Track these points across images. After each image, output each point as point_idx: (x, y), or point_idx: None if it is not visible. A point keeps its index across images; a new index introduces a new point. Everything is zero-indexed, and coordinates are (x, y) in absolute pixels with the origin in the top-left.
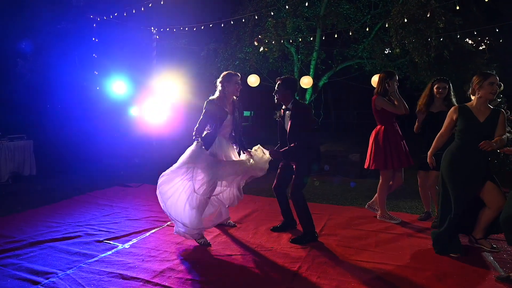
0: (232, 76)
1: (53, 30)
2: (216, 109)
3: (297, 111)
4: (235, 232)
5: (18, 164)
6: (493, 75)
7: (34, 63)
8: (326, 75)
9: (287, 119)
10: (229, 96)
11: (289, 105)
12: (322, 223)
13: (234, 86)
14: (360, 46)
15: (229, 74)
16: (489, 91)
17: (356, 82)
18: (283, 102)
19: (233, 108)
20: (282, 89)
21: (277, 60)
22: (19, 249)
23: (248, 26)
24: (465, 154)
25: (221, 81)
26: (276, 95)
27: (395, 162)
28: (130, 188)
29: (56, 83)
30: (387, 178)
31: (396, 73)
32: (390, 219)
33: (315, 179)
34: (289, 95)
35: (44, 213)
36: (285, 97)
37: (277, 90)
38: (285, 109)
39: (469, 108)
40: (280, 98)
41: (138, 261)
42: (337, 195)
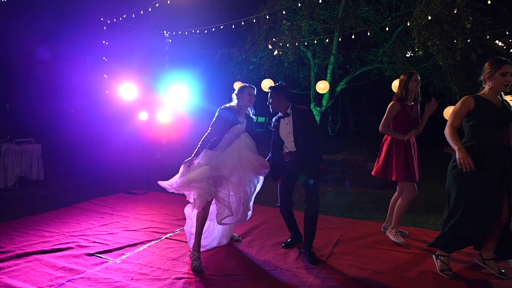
0: (245, 88)
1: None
2: (228, 115)
3: (300, 114)
4: (238, 246)
5: (26, 169)
6: (508, 63)
7: (51, 67)
8: (344, 80)
9: (284, 127)
10: (244, 108)
11: (288, 111)
12: (335, 240)
13: (246, 98)
14: (380, 50)
15: (243, 86)
16: (501, 83)
17: (375, 87)
18: (279, 109)
19: (247, 120)
20: (274, 96)
21: (293, 64)
22: (3, 261)
23: (262, 30)
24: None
25: (236, 93)
26: (271, 104)
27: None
28: (135, 195)
29: (68, 87)
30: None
31: (417, 73)
32: (395, 236)
33: (330, 188)
34: (283, 101)
35: (40, 221)
36: (280, 104)
37: (270, 98)
38: (281, 116)
39: (484, 97)
40: (275, 106)
41: (126, 280)
42: (353, 207)
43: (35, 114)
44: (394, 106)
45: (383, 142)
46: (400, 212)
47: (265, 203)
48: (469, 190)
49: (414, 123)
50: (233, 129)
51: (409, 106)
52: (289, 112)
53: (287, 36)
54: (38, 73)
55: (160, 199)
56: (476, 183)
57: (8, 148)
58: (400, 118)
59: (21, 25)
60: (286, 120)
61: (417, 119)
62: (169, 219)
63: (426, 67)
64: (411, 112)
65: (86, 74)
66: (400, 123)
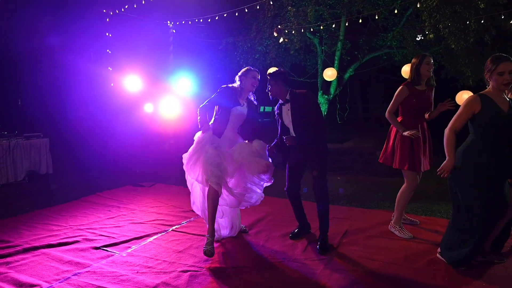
0: (250, 71)
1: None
2: (229, 94)
3: (297, 98)
4: (245, 237)
5: (35, 163)
6: (506, 61)
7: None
8: (352, 66)
9: (286, 114)
10: (245, 91)
11: (287, 97)
12: (343, 230)
13: (250, 81)
14: (389, 34)
15: (248, 69)
16: (500, 82)
17: (385, 73)
18: (278, 96)
19: (248, 104)
20: (273, 83)
21: (299, 52)
22: (11, 255)
23: (267, 17)
24: (492, 154)
25: (239, 75)
26: (269, 91)
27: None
28: (142, 187)
29: (73, 81)
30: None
31: (430, 56)
32: (400, 231)
33: (339, 177)
34: (281, 87)
35: (48, 214)
36: (279, 91)
37: (268, 85)
38: (281, 103)
39: (490, 97)
40: (274, 93)
41: (131, 273)
42: (362, 196)
43: (42, 108)
44: (401, 91)
45: (391, 128)
46: (402, 204)
47: (273, 194)
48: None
49: (425, 109)
50: (233, 110)
51: (419, 91)
52: (288, 99)
53: (292, 23)
54: (44, 67)
55: (167, 191)
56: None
57: (16, 143)
58: (409, 104)
59: (26, 20)
60: (287, 106)
61: (428, 105)
62: (176, 211)
63: (437, 51)
64: (422, 97)
65: (91, 67)
66: (409, 108)
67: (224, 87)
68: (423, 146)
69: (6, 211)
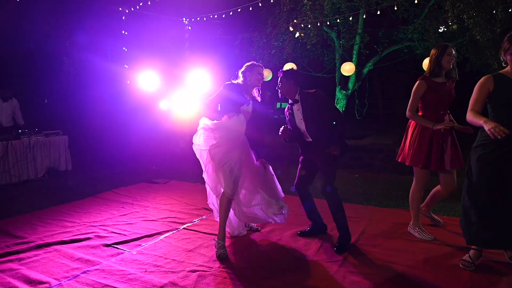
0: (255, 66)
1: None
2: (235, 91)
3: (308, 98)
4: (257, 237)
5: (54, 160)
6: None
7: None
8: (371, 61)
9: (296, 114)
10: (250, 87)
11: (296, 97)
12: (360, 230)
13: (256, 77)
14: (410, 26)
15: (252, 64)
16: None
17: (406, 67)
18: (287, 95)
19: (253, 102)
20: (284, 81)
21: (316, 47)
22: (24, 251)
23: (283, 12)
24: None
25: (243, 71)
26: (279, 89)
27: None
28: (156, 184)
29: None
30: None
31: (451, 46)
32: (420, 233)
33: (357, 175)
34: (292, 86)
35: (64, 211)
36: (289, 90)
37: (279, 83)
38: (291, 103)
39: (505, 75)
40: (284, 92)
41: (140, 272)
42: (380, 194)
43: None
44: (419, 86)
45: (408, 125)
46: (415, 204)
47: (286, 192)
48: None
49: (446, 103)
50: (242, 109)
51: (439, 84)
52: (297, 99)
53: (308, 16)
54: (65, 66)
55: (181, 188)
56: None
57: (36, 140)
58: (429, 98)
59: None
60: (297, 106)
61: (450, 99)
62: (188, 209)
63: (461, 43)
64: (442, 91)
65: (108, 65)
66: (429, 103)
67: (229, 84)
68: (445, 143)
69: (26, 207)
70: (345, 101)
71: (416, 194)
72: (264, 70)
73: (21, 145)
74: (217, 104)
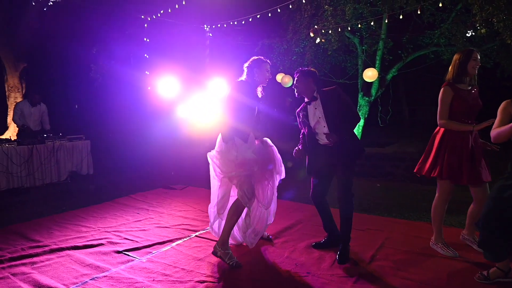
0: (263, 62)
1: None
2: (249, 94)
3: (328, 94)
4: (270, 248)
5: (77, 164)
6: None
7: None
8: (395, 67)
9: (313, 113)
10: (258, 84)
11: (314, 94)
12: (378, 243)
13: (264, 74)
14: (436, 31)
15: (260, 59)
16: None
17: (432, 73)
18: (305, 94)
19: (261, 102)
20: (302, 79)
21: (338, 53)
22: (38, 255)
23: (304, 17)
24: None
25: (250, 65)
26: (296, 88)
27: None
28: (173, 190)
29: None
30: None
31: (477, 51)
32: (444, 249)
33: (378, 184)
34: (311, 85)
35: (81, 215)
36: (307, 88)
37: (296, 83)
38: (307, 102)
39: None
40: (301, 90)
41: (147, 281)
42: (402, 205)
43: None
44: (446, 92)
45: (434, 134)
46: (437, 218)
47: (304, 200)
48: None
49: (474, 112)
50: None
51: (465, 91)
52: (316, 96)
53: (330, 22)
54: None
55: (197, 195)
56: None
57: (60, 144)
58: (456, 105)
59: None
60: (313, 105)
61: (477, 106)
62: (202, 216)
63: (491, 48)
64: (469, 98)
65: (130, 72)
66: (455, 112)
67: (241, 83)
68: (471, 155)
69: (46, 210)
70: (367, 107)
71: (439, 207)
72: (285, 76)
73: (46, 149)
74: (235, 110)
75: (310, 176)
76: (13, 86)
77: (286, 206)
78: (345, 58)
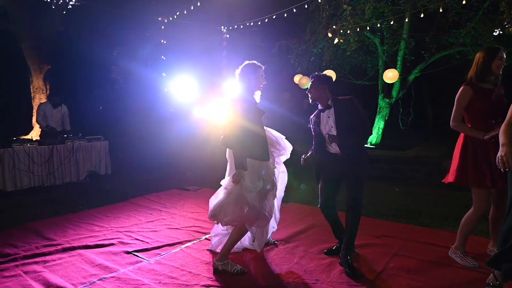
0: (259, 68)
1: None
2: (255, 108)
3: (342, 104)
4: (279, 253)
5: (95, 164)
6: None
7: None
8: (417, 67)
9: (326, 121)
10: (254, 91)
11: (329, 102)
12: (393, 251)
13: (260, 80)
14: (462, 30)
15: (255, 65)
16: None
17: (458, 74)
18: (319, 100)
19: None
20: (317, 85)
21: (359, 53)
22: (51, 254)
23: (322, 18)
24: None
25: (246, 72)
26: (310, 94)
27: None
28: (187, 191)
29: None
30: (479, 205)
31: (502, 49)
32: (463, 259)
33: (397, 189)
34: (326, 92)
35: (95, 215)
36: (321, 95)
37: (311, 88)
38: (320, 110)
39: None
40: (315, 97)
41: (154, 283)
42: (421, 212)
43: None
44: (464, 92)
45: (458, 140)
46: (466, 230)
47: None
48: None
49: (498, 112)
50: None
51: (487, 90)
52: (330, 104)
53: (349, 22)
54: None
55: (211, 195)
56: None
57: (79, 144)
58: (477, 106)
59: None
60: (327, 113)
61: (502, 106)
62: None
63: None
64: (492, 98)
65: (148, 74)
66: (477, 113)
67: (246, 101)
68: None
69: (63, 209)
70: (388, 109)
71: (472, 222)
72: (302, 77)
73: (65, 149)
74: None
75: (318, 184)
76: (38, 88)
77: (299, 209)
78: (365, 59)
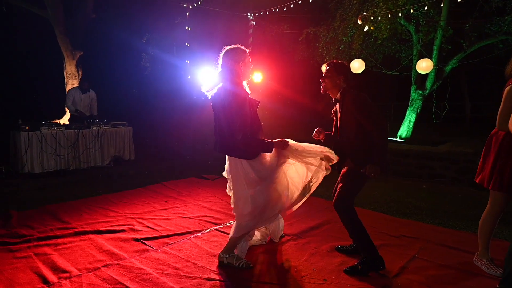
0: (246, 53)
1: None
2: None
3: (347, 100)
4: (290, 248)
5: (119, 149)
6: None
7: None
8: (455, 57)
9: (336, 114)
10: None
11: (337, 96)
12: (412, 253)
13: (249, 67)
14: (507, 17)
15: (241, 50)
16: None
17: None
18: (330, 91)
19: None
20: (333, 74)
21: (392, 42)
22: (63, 237)
23: (353, 4)
24: None
25: (234, 59)
26: (323, 82)
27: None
28: (205, 180)
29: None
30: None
31: None
32: (489, 267)
33: (424, 186)
34: (340, 82)
35: (112, 200)
36: (335, 85)
37: (325, 78)
38: (335, 100)
39: None
40: (328, 87)
41: (156, 273)
42: (448, 212)
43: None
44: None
45: (491, 136)
46: (485, 231)
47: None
48: None
49: None
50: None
51: None
52: (338, 98)
53: (380, 8)
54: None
55: None
56: None
57: (104, 130)
58: None
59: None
60: (337, 106)
61: None
62: (228, 209)
63: None
64: None
65: (173, 61)
66: None
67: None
68: None
69: (82, 192)
70: (421, 102)
71: (488, 220)
72: (356, 61)
73: (91, 134)
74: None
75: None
76: (71, 74)
77: (315, 204)
78: (399, 48)
